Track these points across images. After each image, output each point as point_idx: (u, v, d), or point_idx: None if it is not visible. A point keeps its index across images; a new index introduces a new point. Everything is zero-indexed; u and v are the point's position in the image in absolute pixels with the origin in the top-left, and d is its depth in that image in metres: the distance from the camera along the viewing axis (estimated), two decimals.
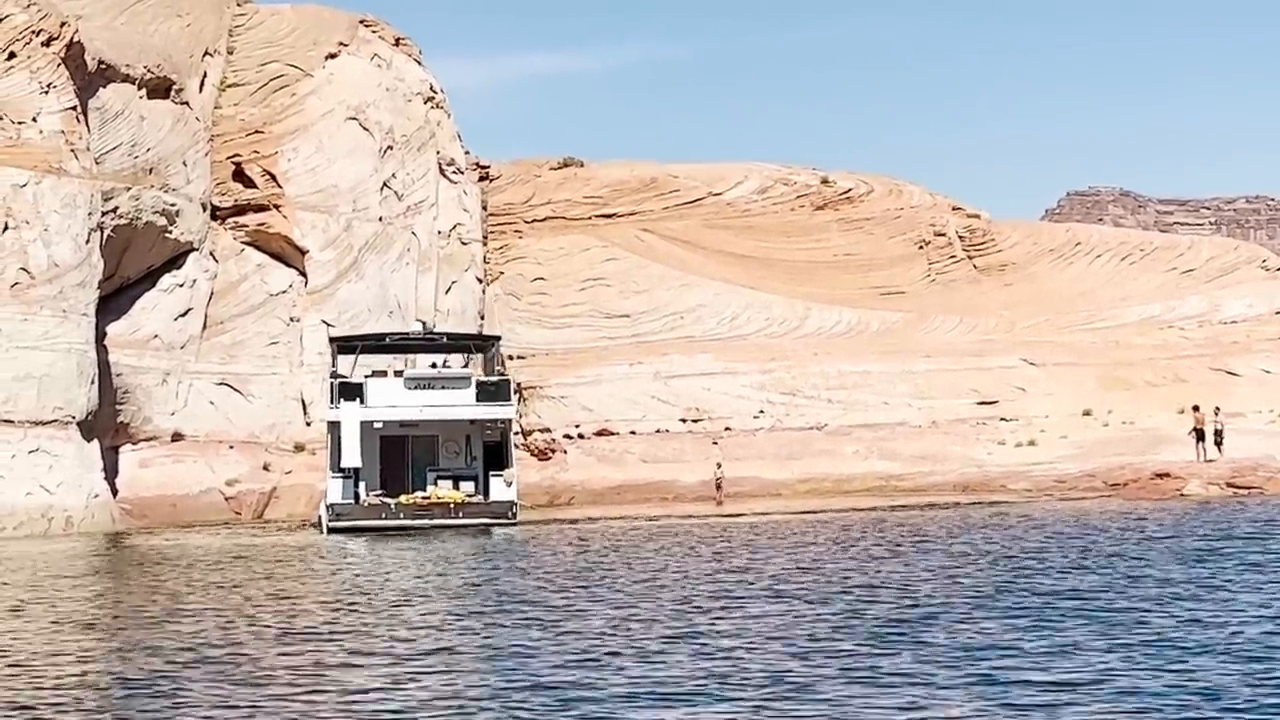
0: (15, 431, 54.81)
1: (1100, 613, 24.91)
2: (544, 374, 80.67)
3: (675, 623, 24.94)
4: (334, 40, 77.95)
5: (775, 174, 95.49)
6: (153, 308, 67.51)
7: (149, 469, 66.13)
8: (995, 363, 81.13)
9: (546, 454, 78.30)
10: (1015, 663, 20.18)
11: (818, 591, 28.91)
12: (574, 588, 31.38)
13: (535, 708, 18.10)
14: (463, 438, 57.78)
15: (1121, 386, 79.25)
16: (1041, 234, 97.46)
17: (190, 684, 20.08)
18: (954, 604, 26.35)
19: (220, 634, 24.34)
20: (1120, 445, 72.49)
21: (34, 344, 55.53)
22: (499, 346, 63.88)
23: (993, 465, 73.84)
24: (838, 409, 78.74)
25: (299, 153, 74.36)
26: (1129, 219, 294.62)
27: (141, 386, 66.00)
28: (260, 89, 75.25)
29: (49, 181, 56.96)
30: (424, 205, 79.20)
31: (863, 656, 20.94)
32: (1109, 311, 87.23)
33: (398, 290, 75.76)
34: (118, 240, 63.17)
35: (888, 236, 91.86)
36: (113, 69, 63.17)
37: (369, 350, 61.62)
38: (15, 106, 57.33)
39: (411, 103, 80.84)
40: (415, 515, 53.44)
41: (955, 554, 36.70)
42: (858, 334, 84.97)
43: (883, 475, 74.41)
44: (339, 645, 23.28)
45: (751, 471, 75.04)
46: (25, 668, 21.88)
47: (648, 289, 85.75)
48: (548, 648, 22.60)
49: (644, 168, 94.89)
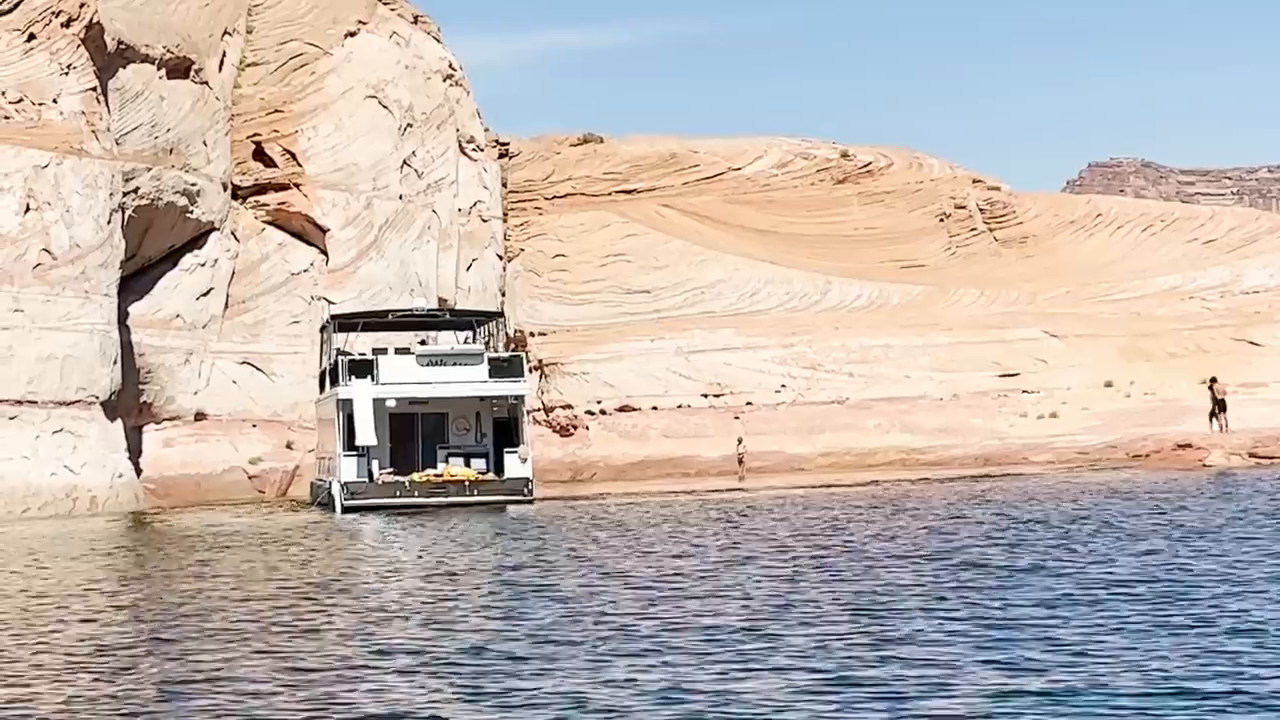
0: (39, 412, 54.98)
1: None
2: (565, 350, 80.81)
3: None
4: (353, 18, 77.97)
5: (795, 148, 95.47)
6: (174, 287, 67.66)
7: (173, 448, 66.34)
8: (1016, 335, 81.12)
9: (568, 430, 78.43)
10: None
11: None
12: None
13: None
14: (473, 414, 56.92)
15: (1143, 358, 79.20)
16: (1062, 206, 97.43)
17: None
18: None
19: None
20: (1142, 416, 72.43)
21: (57, 325, 55.69)
22: (503, 322, 63.23)
23: (1015, 438, 73.81)
24: (859, 383, 78.79)
25: (319, 131, 74.43)
26: (1150, 190, 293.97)
27: (164, 366, 66.19)
28: (280, 68, 75.31)
29: (70, 162, 57.07)
30: (444, 183, 79.27)
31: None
32: (1130, 283, 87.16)
33: (418, 268, 75.85)
34: (139, 220, 63.31)
35: (908, 210, 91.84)
36: (132, 49, 63.25)
37: (370, 328, 61.35)
38: (36, 88, 57.44)
39: (431, 80, 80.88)
40: (430, 493, 52.69)
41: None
42: (878, 308, 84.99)
43: (904, 449, 74.43)
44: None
45: (773, 446, 75.14)
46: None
47: (668, 264, 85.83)
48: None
49: (664, 143, 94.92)
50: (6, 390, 54.20)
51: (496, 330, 61.67)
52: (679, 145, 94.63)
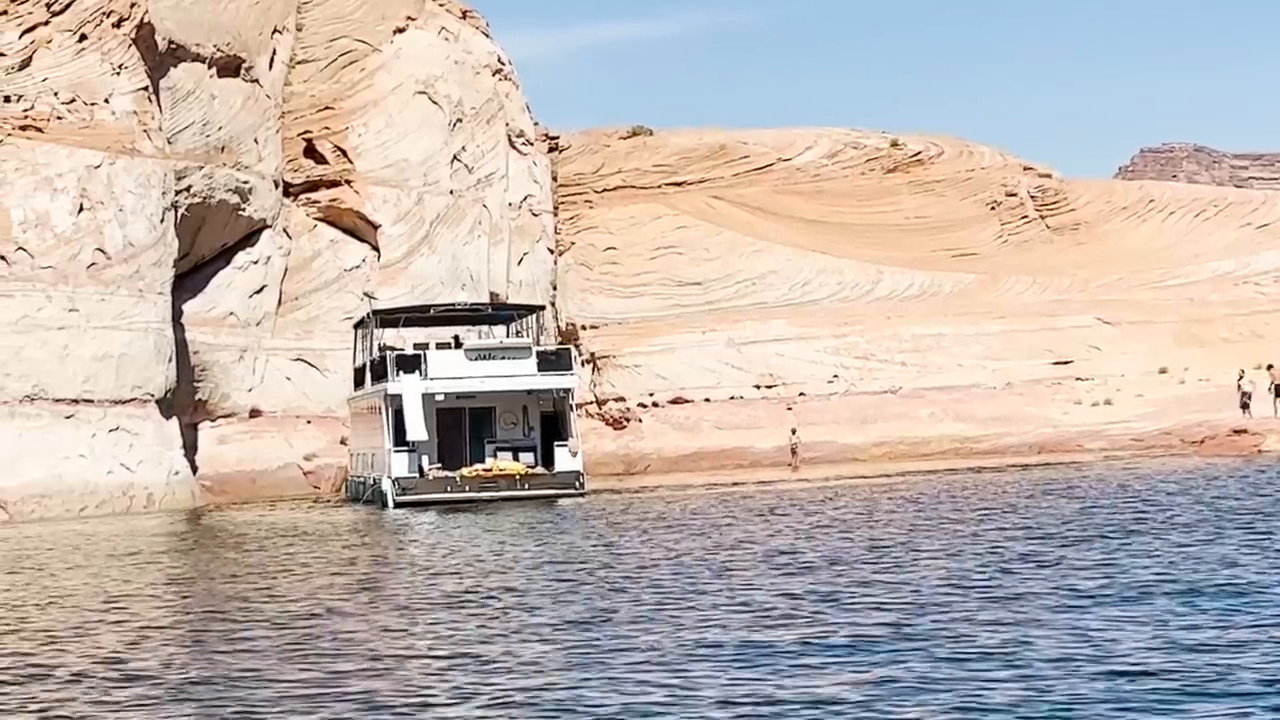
0: (95, 411, 55.25)
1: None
2: (617, 343, 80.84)
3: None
4: (401, 14, 78.12)
5: (845, 138, 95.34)
6: (228, 285, 67.92)
7: (227, 445, 66.63)
8: (1069, 322, 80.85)
9: (621, 423, 78.49)
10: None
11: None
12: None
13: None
14: (520, 408, 56.61)
15: (1197, 343, 78.86)
16: (1114, 192, 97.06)
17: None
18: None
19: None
20: (1197, 403, 72.09)
21: (112, 324, 55.93)
22: (543, 316, 62.76)
23: (1069, 425, 73.58)
24: (912, 372, 78.65)
25: (369, 128, 74.61)
26: (1203, 175, 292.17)
27: (218, 364, 66.48)
28: (329, 65, 75.51)
29: (123, 162, 57.32)
30: (494, 177, 79.41)
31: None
32: (1183, 268, 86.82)
33: (470, 263, 76.00)
34: (192, 219, 63.58)
35: (959, 198, 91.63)
36: (183, 48, 63.50)
37: (412, 323, 61.22)
38: (88, 88, 57.71)
39: (480, 75, 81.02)
40: (481, 488, 52.38)
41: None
42: (930, 296, 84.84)
43: (958, 438, 74.27)
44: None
45: (826, 436, 75.07)
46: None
47: (719, 256, 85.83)
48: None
49: (713, 135, 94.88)
50: (63, 389, 54.48)
51: (537, 324, 61.28)
52: (728, 137, 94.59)
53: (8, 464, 52.38)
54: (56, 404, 54.38)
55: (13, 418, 53.25)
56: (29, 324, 54.01)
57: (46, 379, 54.05)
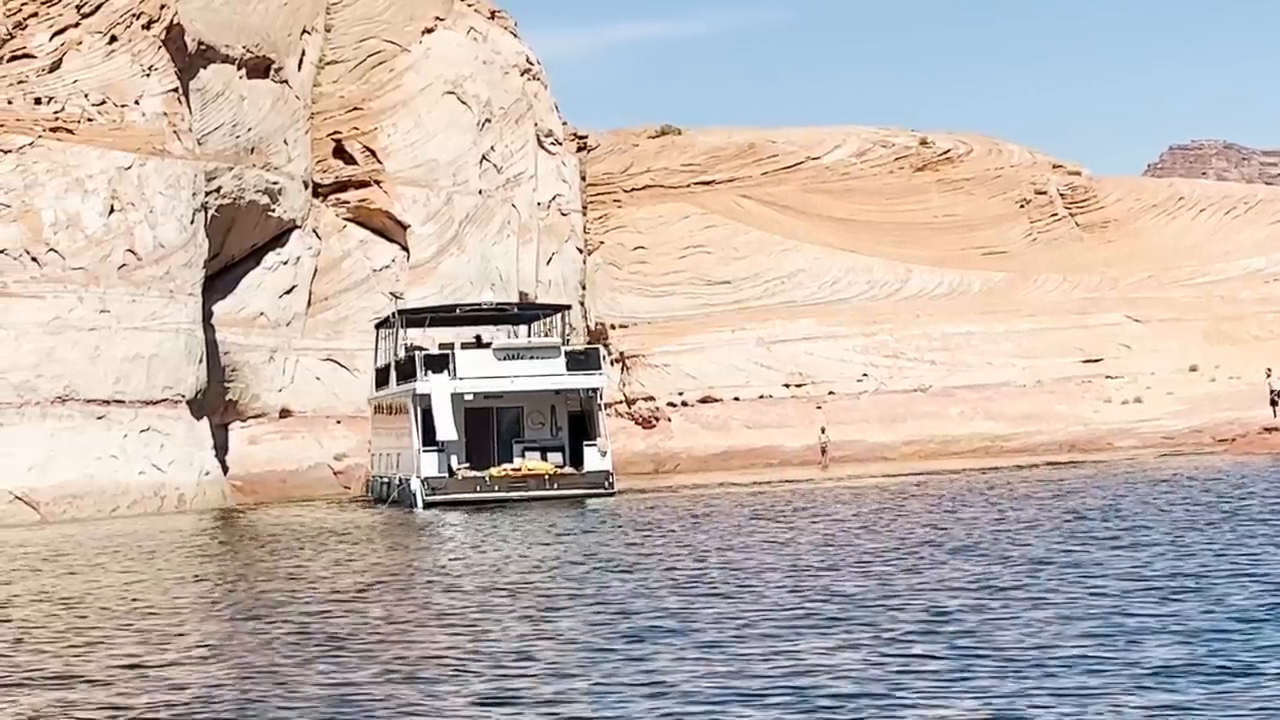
0: (127, 411, 55.42)
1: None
2: (646, 342, 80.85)
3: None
4: (430, 15, 78.25)
5: (873, 136, 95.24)
6: (258, 286, 68.09)
7: (258, 445, 66.79)
8: (1099, 320, 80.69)
9: (650, 422, 78.50)
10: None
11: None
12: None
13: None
14: (548, 408, 56.45)
15: (1227, 341, 78.64)
16: (1144, 189, 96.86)
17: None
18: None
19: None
20: (1227, 400, 71.93)
21: (142, 324, 56.11)
22: (569, 315, 62.48)
23: (1099, 423, 73.48)
24: (941, 370, 78.55)
25: (398, 128, 74.74)
26: (1233, 172, 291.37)
27: (249, 364, 66.65)
28: (358, 65, 75.66)
29: (153, 163, 57.50)
30: (523, 177, 79.49)
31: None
32: (1213, 266, 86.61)
33: (499, 263, 76.07)
34: (222, 220, 63.76)
35: (988, 196, 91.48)
36: (212, 49, 63.69)
37: (437, 323, 61.18)
38: (118, 89, 57.90)
39: (508, 75, 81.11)
40: (510, 488, 52.22)
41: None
42: (959, 295, 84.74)
43: (988, 436, 74.19)
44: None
45: (856, 435, 75.02)
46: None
47: (748, 255, 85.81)
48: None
49: (741, 134, 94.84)
50: (94, 390, 54.67)
51: (563, 323, 61.03)
52: (757, 135, 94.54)
53: (40, 465, 52.62)
54: (88, 405, 54.56)
55: (44, 419, 53.47)
56: (60, 325, 54.23)
57: (78, 380, 54.25)
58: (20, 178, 54.86)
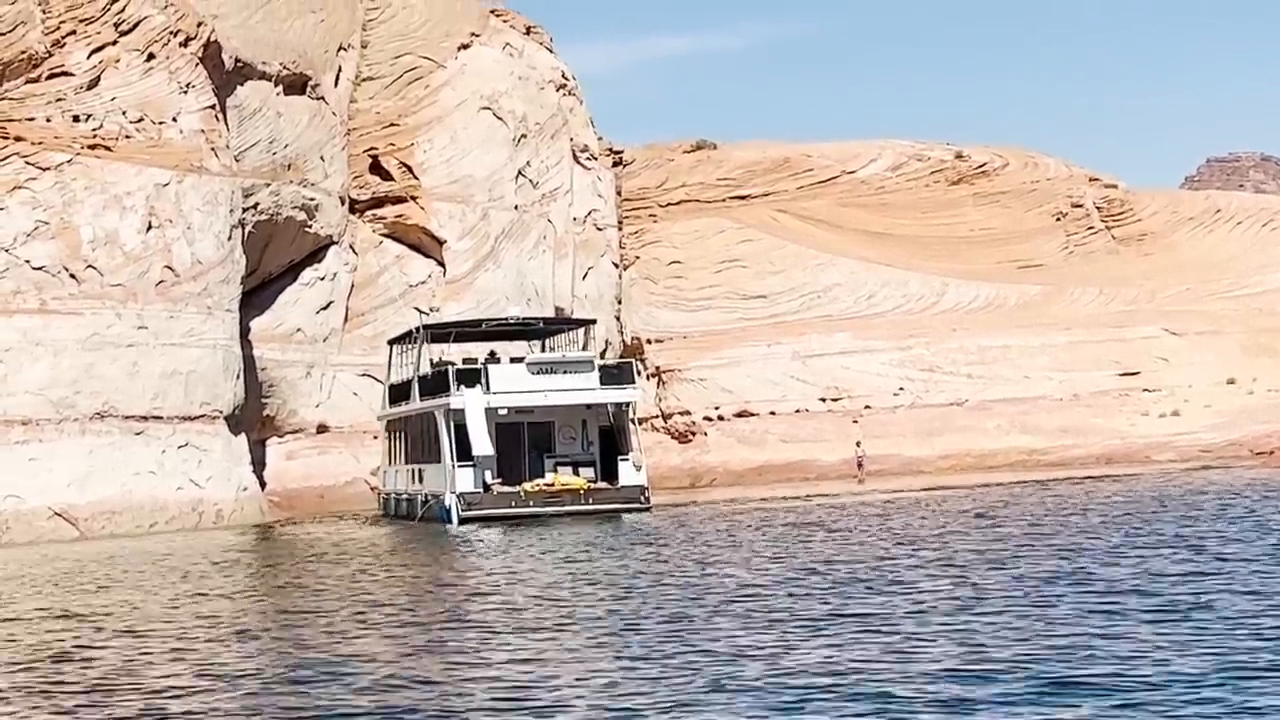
0: (165, 427, 55.60)
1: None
2: (682, 357, 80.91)
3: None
4: (466, 31, 78.43)
5: (909, 150, 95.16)
6: (295, 302, 68.27)
7: (295, 461, 66.95)
8: (1136, 333, 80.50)
9: (687, 436, 78.55)
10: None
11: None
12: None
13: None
14: (579, 422, 55.90)
15: (1265, 354, 78.41)
16: (1181, 202, 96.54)
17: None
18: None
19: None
20: (1265, 413, 71.76)
21: (180, 341, 56.30)
22: (594, 329, 61.94)
23: (1136, 437, 73.32)
24: (978, 384, 78.45)
25: (434, 144, 74.90)
26: (1270, 184, 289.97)
27: (286, 380, 66.82)
28: (394, 82, 75.87)
29: (190, 180, 57.71)
30: (559, 192, 79.59)
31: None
32: (1251, 278, 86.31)
33: (535, 278, 76.16)
34: (259, 236, 63.97)
35: (1024, 209, 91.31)
36: (249, 67, 63.92)
37: (462, 338, 61.05)
38: (156, 107, 58.13)
39: (544, 90, 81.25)
40: (545, 503, 51.74)
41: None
42: (996, 308, 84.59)
43: (1025, 450, 74.06)
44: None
45: (892, 449, 74.97)
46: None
47: (783, 269, 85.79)
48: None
49: (776, 148, 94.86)
50: (132, 406, 54.86)
51: (586, 336, 60.06)
52: (792, 150, 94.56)
53: (78, 481, 52.83)
54: (126, 421, 54.76)
55: (83, 435, 53.68)
56: (99, 341, 54.44)
57: (116, 396, 54.45)
58: (59, 195, 55.11)
